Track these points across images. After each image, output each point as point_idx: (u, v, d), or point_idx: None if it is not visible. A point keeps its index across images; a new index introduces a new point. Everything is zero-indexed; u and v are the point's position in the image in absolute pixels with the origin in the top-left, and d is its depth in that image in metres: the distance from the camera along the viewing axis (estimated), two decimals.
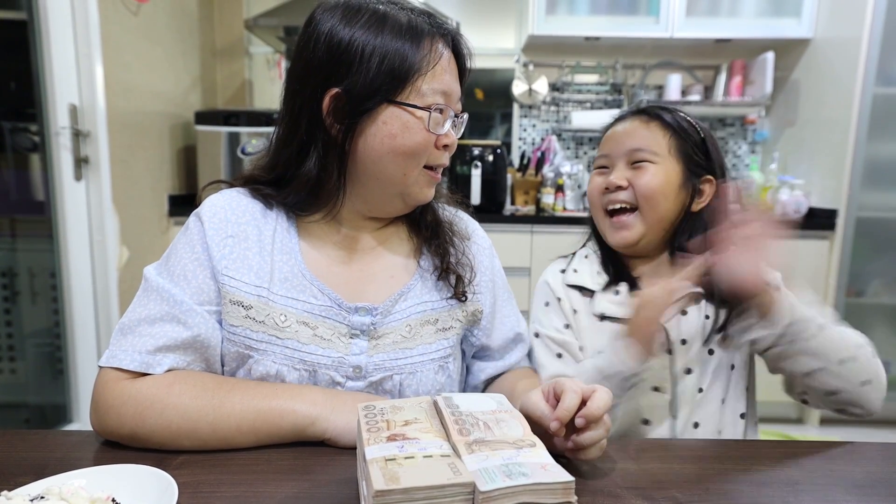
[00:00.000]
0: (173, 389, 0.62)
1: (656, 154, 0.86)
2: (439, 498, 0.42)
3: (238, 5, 2.74)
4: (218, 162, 2.33)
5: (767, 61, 2.48)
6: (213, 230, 0.69)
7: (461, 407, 0.54)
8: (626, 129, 0.89)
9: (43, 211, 1.87)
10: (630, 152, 0.87)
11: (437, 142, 0.70)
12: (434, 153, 0.71)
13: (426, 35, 0.68)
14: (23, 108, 1.83)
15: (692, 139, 0.88)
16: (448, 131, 0.71)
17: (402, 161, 0.69)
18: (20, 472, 0.55)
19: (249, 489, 0.54)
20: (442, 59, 0.69)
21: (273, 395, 0.63)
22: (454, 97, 0.71)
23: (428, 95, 0.68)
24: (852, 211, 2.20)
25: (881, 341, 2.28)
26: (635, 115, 0.90)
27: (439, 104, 0.68)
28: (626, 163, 0.87)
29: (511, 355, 0.81)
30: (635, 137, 0.87)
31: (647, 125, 0.88)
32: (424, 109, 0.68)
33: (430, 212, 0.79)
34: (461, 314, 0.76)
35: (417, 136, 0.68)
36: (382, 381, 0.70)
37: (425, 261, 0.76)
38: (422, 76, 0.67)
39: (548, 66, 2.79)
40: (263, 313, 0.67)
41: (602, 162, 0.91)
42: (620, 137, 0.89)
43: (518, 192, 2.62)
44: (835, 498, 0.56)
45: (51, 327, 1.94)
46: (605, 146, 0.91)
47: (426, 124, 0.68)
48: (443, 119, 0.70)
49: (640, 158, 0.86)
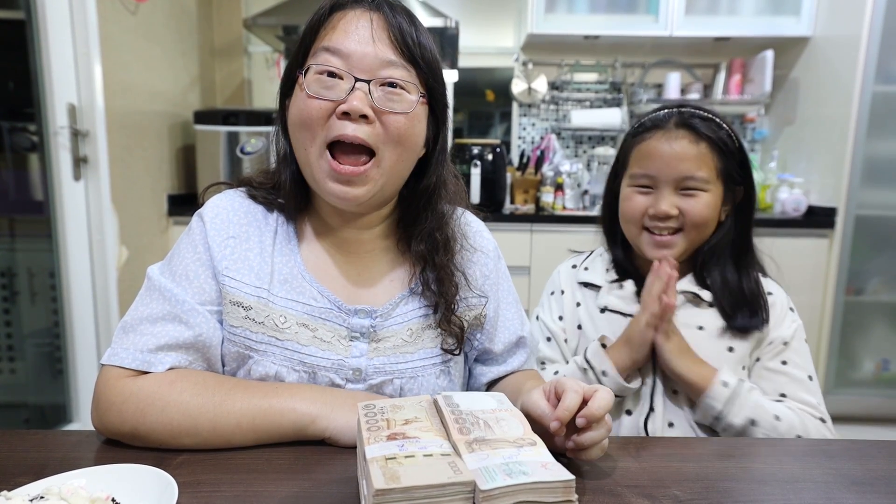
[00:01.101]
0: (175, 387, 0.61)
1: (708, 182, 0.84)
2: (440, 497, 0.42)
3: (236, 4, 2.74)
4: (217, 161, 2.33)
5: (767, 59, 2.48)
6: (215, 230, 0.69)
7: (461, 406, 0.54)
8: (676, 152, 0.84)
9: (42, 211, 1.87)
10: (681, 180, 0.84)
11: (336, 111, 0.63)
12: (335, 125, 0.63)
13: (341, 4, 0.65)
14: (21, 107, 1.83)
15: (734, 155, 0.86)
16: (346, 97, 0.62)
17: (297, 136, 0.66)
18: (20, 472, 0.55)
19: (249, 488, 0.54)
20: (341, 20, 0.64)
21: (274, 394, 0.63)
22: (356, 59, 0.63)
23: (318, 56, 0.64)
24: (851, 209, 2.20)
25: (880, 339, 2.29)
26: (680, 128, 0.85)
27: (319, 64, 0.63)
28: (674, 188, 0.84)
29: (514, 359, 0.80)
30: (686, 162, 0.83)
31: (697, 146, 0.84)
32: (302, 73, 0.64)
33: (429, 228, 0.73)
34: (465, 323, 0.75)
35: (300, 102, 0.64)
36: (382, 385, 0.69)
37: (428, 277, 0.73)
38: (315, 41, 0.65)
39: (547, 64, 2.79)
40: (263, 314, 0.67)
41: (645, 182, 0.86)
42: (669, 160, 0.84)
43: (517, 191, 2.62)
44: (835, 495, 0.56)
45: (50, 327, 1.94)
46: (649, 164, 0.86)
47: (304, 92, 0.64)
48: (338, 84, 0.63)
49: (693, 187, 0.83)
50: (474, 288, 0.76)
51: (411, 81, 0.65)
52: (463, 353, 0.79)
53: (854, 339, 2.28)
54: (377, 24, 0.64)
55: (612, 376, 0.83)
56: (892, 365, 2.28)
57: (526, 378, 0.79)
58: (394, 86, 0.64)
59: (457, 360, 0.76)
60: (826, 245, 2.27)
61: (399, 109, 0.64)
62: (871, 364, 2.28)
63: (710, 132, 0.84)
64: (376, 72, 0.63)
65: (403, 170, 0.69)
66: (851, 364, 2.30)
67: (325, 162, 0.64)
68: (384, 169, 0.66)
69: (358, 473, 0.52)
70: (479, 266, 0.78)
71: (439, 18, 2.40)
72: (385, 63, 0.63)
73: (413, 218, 0.73)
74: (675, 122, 0.86)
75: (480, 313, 0.76)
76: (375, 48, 0.63)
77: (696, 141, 0.84)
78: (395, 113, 0.64)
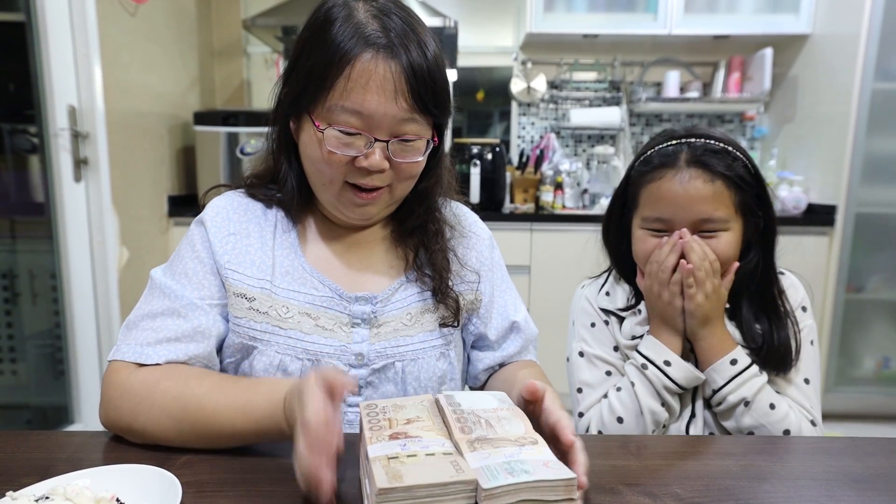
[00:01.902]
0: (159, 387, 0.62)
1: (727, 221, 0.80)
2: (442, 496, 0.42)
3: (235, 5, 2.74)
4: (217, 162, 2.33)
5: (766, 57, 2.48)
6: (216, 228, 0.72)
7: (463, 405, 0.54)
8: (690, 194, 0.79)
9: (43, 212, 1.87)
10: (699, 223, 0.80)
11: (354, 162, 0.65)
12: (354, 171, 0.66)
13: (357, 49, 0.62)
14: (21, 109, 1.83)
15: (750, 186, 0.81)
16: (365, 154, 0.65)
17: (315, 171, 0.69)
18: (24, 472, 0.56)
19: (253, 488, 0.54)
20: (361, 74, 0.62)
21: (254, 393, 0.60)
22: (377, 119, 0.63)
23: (336, 113, 0.63)
24: (851, 207, 2.20)
25: (881, 337, 2.29)
26: (691, 166, 0.80)
27: (339, 126, 0.64)
28: (692, 231, 0.80)
29: (508, 345, 0.81)
30: (702, 204, 0.79)
31: (712, 185, 0.79)
32: (319, 130, 0.64)
33: (422, 219, 0.76)
34: (462, 301, 0.76)
35: (315, 152, 0.66)
36: (385, 369, 0.71)
37: (422, 261, 0.76)
38: (335, 93, 0.63)
39: (546, 63, 2.79)
40: (266, 305, 0.69)
41: (658, 226, 0.82)
42: (684, 203, 0.79)
43: (517, 191, 2.62)
44: (835, 493, 0.56)
45: (51, 328, 1.94)
46: (662, 208, 0.81)
47: (322, 143, 0.65)
48: (356, 140, 0.64)
49: (712, 229, 0.80)
50: (467, 267, 0.78)
51: (425, 130, 0.68)
52: (461, 339, 0.81)
53: (854, 337, 2.29)
54: (397, 77, 0.63)
55: (676, 363, 0.81)
56: (892, 363, 2.28)
57: (519, 368, 0.80)
58: (408, 139, 0.67)
59: (456, 343, 0.78)
60: (826, 243, 2.27)
61: (411, 158, 0.68)
62: (872, 362, 2.28)
63: (724, 168, 0.79)
64: (394, 129, 0.65)
65: (410, 188, 0.74)
66: (852, 362, 2.31)
67: (348, 194, 0.68)
68: (395, 197, 0.72)
69: (360, 473, 0.53)
70: (474, 250, 0.81)
71: (438, 18, 2.40)
72: (402, 120, 0.65)
73: (409, 210, 0.76)
74: (686, 159, 0.80)
75: (476, 296, 0.78)
76: (395, 107, 0.63)
77: (710, 180, 0.79)
78: (408, 162, 0.68)
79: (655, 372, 0.81)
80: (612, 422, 0.83)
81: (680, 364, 0.81)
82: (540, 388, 0.56)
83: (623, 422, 0.82)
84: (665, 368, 0.81)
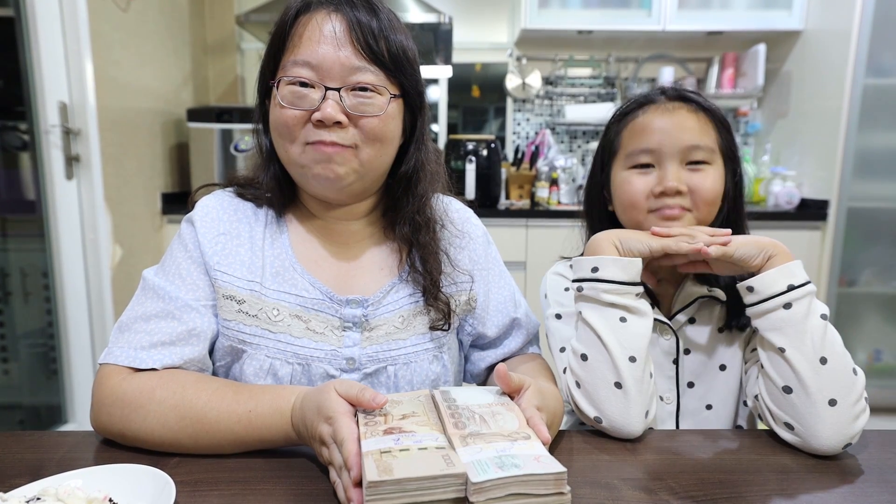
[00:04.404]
0: (155, 395, 0.61)
1: (713, 152, 0.76)
2: (432, 489, 0.42)
3: (229, 1, 2.72)
4: (211, 159, 2.31)
5: (759, 53, 2.49)
6: (205, 228, 0.71)
7: (458, 400, 0.54)
8: (676, 121, 0.76)
9: (34, 210, 1.86)
10: (687, 150, 0.75)
11: (311, 118, 0.65)
12: (313, 131, 0.65)
13: (304, 9, 0.66)
14: (12, 106, 1.81)
15: (728, 131, 0.79)
16: (320, 105, 0.64)
17: (277, 140, 0.69)
18: (16, 473, 0.55)
19: (247, 487, 0.54)
20: (306, 27, 0.65)
21: (254, 402, 0.60)
22: (325, 68, 0.64)
23: (288, 69, 0.66)
24: (844, 201, 2.22)
25: (873, 330, 2.31)
26: (674, 100, 0.78)
27: (289, 76, 0.65)
28: (680, 162, 0.76)
29: (510, 341, 0.81)
30: (689, 132, 0.75)
31: (696, 115, 0.76)
32: (274, 86, 0.67)
33: (411, 211, 0.74)
34: (455, 304, 0.75)
35: (276, 112, 0.67)
36: (377, 373, 0.70)
37: (414, 257, 0.75)
38: (286, 52, 0.66)
39: (541, 59, 2.79)
40: (256, 307, 0.68)
41: (644, 159, 0.77)
42: (671, 130, 0.75)
43: (512, 187, 2.62)
44: (828, 484, 0.56)
45: (44, 327, 1.93)
46: (648, 138, 0.76)
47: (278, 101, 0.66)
48: (310, 93, 0.65)
49: (699, 159, 0.75)
50: (459, 269, 0.77)
51: (381, 84, 0.67)
52: (457, 341, 0.80)
53: (847, 330, 2.30)
54: (340, 28, 0.65)
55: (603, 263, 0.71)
56: (884, 355, 2.30)
57: (521, 362, 0.79)
58: (365, 90, 0.66)
59: (450, 346, 0.77)
60: (819, 237, 2.28)
61: (371, 112, 0.66)
62: (864, 354, 2.30)
63: (705, 104, 0.78)
64: (346, 78, 0.65)
65: (382, 163, 0.71)
66: None
67: (309, 149, 0.66)
68: (363, 161, 0.68)
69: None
70: (467, 251, 0.79)
71: (433, 14, 2.39)
72: (353, 69, 0.65)
73: (395, 203, 0.75)
74: (668, 95, 0.79)
75: (470, 297, 0.77)
76: (340, 55, 0.65)
77: (695, 111, 0.77)
78: (368, 116, 0.66)
79: (590, 285, 0.71)
80: (578, 365, 0.71)
81: (607, 261, 0.71)
82: (516, 382, 0.57)
83: (588, 358, 0.70)
84: (595, 275, 0.71)
